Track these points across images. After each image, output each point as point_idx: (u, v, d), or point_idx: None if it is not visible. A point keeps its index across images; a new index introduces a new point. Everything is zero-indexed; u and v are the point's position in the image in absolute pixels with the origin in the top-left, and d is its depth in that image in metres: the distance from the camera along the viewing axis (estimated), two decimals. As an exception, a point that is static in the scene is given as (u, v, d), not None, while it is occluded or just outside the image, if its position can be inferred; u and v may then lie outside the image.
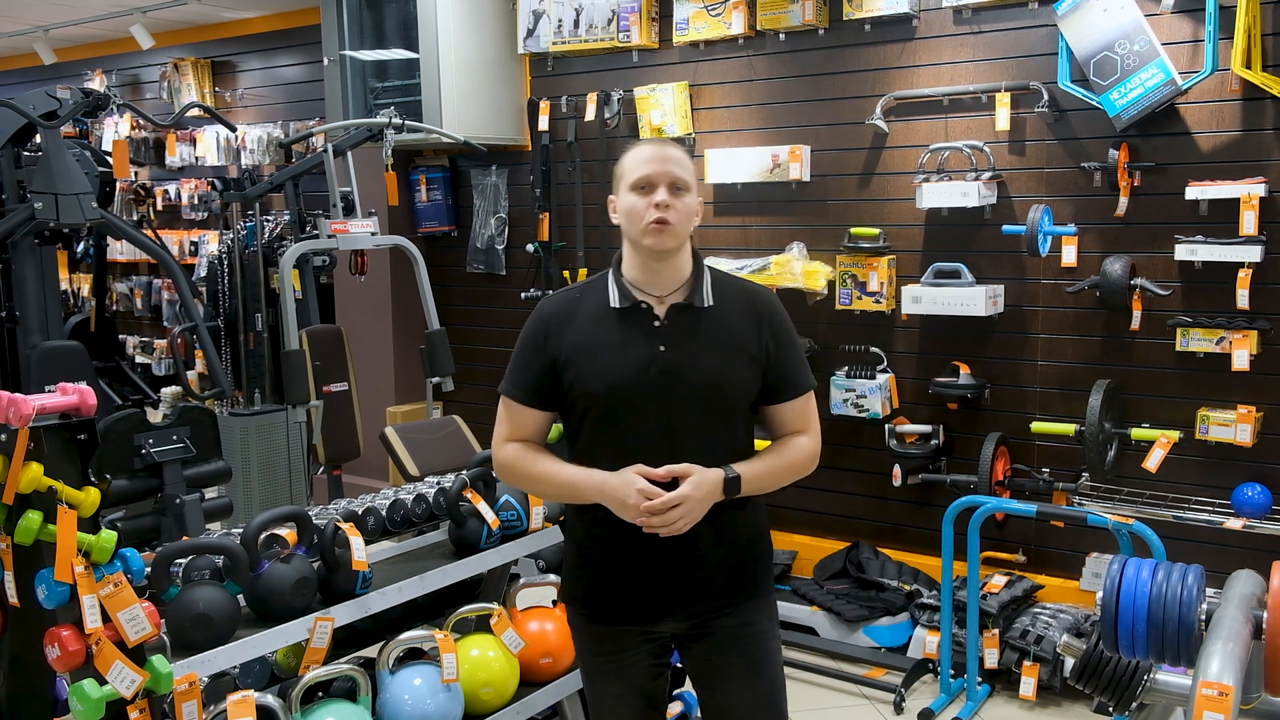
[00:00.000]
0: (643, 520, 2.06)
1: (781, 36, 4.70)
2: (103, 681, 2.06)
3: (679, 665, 2.69)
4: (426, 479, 3.25)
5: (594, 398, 2.15)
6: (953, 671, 3.87)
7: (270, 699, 2.41)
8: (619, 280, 2.20)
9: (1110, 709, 2.01)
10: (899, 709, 3.83)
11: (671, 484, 2.08)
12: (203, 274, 6.35)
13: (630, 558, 2.16)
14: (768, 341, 2.17)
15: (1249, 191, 3.68)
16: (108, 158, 4.60)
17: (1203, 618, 1.67)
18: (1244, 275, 3.72)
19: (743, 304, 2.20)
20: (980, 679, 3.85)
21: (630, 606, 2.21)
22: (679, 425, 2.12)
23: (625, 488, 2.07)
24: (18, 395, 2.03)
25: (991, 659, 3.85)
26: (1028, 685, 3.78)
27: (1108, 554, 4.04)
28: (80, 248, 5.34)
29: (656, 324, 2.15)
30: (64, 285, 6.00)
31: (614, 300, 2.18)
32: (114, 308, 7.27)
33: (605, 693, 2.29)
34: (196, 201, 7.04)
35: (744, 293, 2.23)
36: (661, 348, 2.13)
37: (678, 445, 2.11)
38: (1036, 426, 4.18)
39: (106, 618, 2.07)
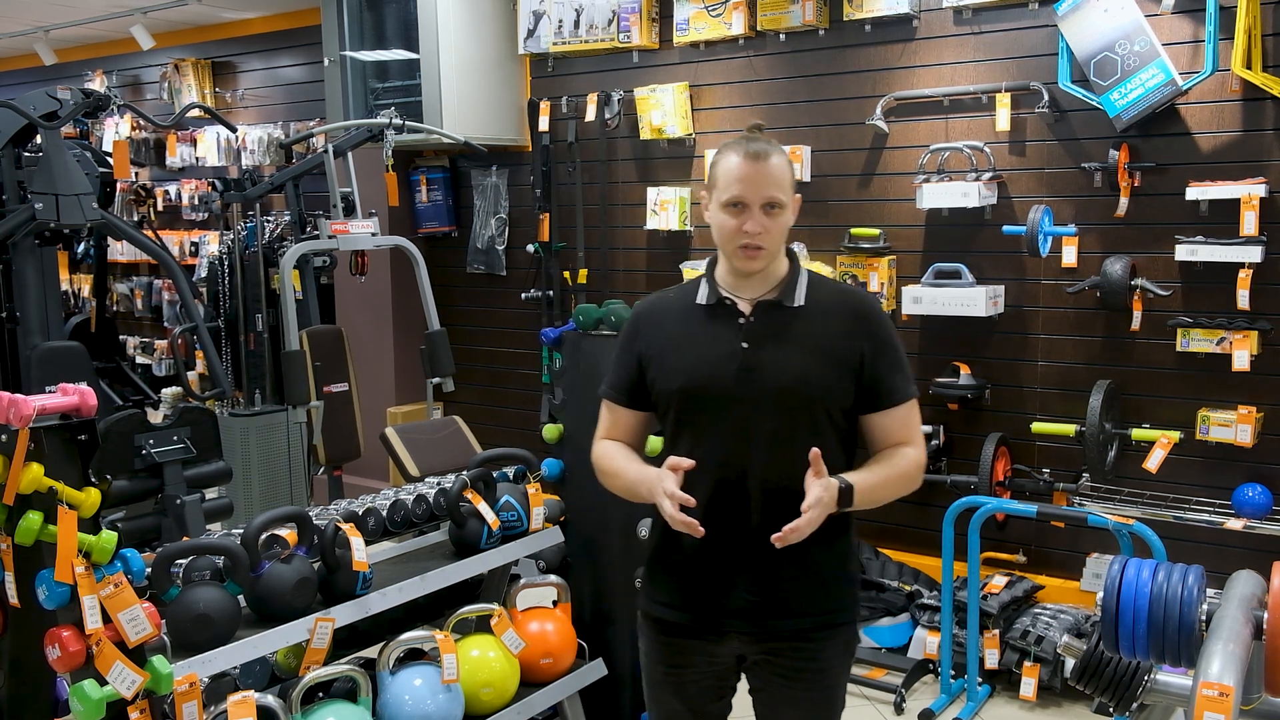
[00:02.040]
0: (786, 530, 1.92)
1: (782, 37, 4.70)
2: (103, 682, 2.06)
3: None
4: (427, 479, 3.25)
5: (672, 395, 2.10)
6: (953, 672, 3.87)
7: (271, 699, 2.41)
8: (711, 280, 2.13)
9: (1111, 709, 2.01)
10: (899, 709, 3.83)
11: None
12: (203, 274, 6.35)
13: (706, 566, 2.08)
14: (863, 347, 2.06)
15: (1249, 192, 3.68)
16: (108, 158, 4.59)
17: (1203, 618, 1.67)
18: (1244, 275, 3.72)
19: (838, 307, 2.09)
20: (980, 679, 3.85)
21: (699, 617, 2.11)
22: (757, 427, 2.02)
23: (655, 485, 1.99)
24: (18, 396, 2.03)
25: (992, 659, 3.85)
26: (1028, 686, 3.78)
27: (1108, 554, 4.04)
28: (81, 248, 5.33)
29: (741, 321, 2.07)
30: (64, 286, 5.99)
31: (701, 298, 2.12)
32: (114, 308, 7.26)
33: (663, 706, 2.23)
34: (197, 202, 7.04)
35: (841, 295, 2.14)
36: (744, 344, 2.05)
37: (755, 448, 2.02)
38: (1037, 427, 4.18)
39: (107, 618, 2.07)
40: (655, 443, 2.28)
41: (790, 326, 2.07)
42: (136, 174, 7.15)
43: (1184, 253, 3.82)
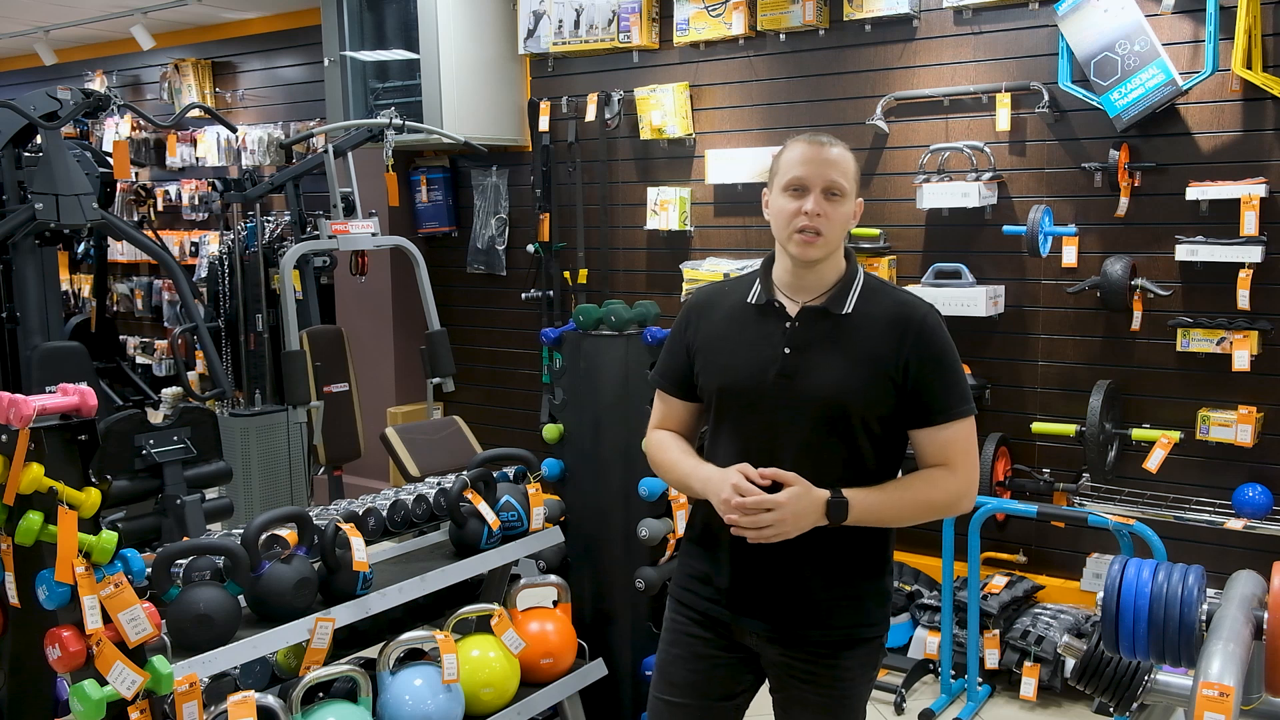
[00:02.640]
0: (732, 518, 1.95)
1: (782, 37, 4.70)
2: (103, 682, 2.06)
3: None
4: (427, 479, 3.25)
5: (712, 393, 2.10)
6: (953, 672, 3.87)
7: (271, 699, 2.41)
8: (765, 278, 2.11)
9: (1111, 709, 2.02)
10: (899, 709, 3.83)
11: (775, 490, 1.97)
12: (203, 274, 6.36)
13: (741, 565, 2.08)
14: (908, 359, 1.99)
15: (1249, 192, 3.68)
16: (108, 158, 4.60)
17: (1203, 618, 1.67)
18: (1244, 275, 3.72)
19: (888, 316, 2.03)
20: (981, 679, 3.85)
21: (727, 610, 2.11)
22: (787, 434, 2.01)
23: (722, 481, 1.98)
24: (18, 396, 2.03)
25: (992, 659, 3.85)
26: (1028, 686, 3.78)
27: (1108, 554, 4.04)
28: (81, 248, 5.34)
29: (787, 325, 2.05)
30: (65, 286, 6.00)
31: (752, 297, 2.10)
32: (114, 308, 7.27)
33: (672, 689, 2.18)
34: (197, 202, 7.04)
35: (894, 305, 2.06)
36: (786, 350, 2.03)
37: (782, 454, 2.00)
38: (1037, 427, 4.18)
39: (107, 618, 2.07)
40: None
41: (835, 334, 2.03)
42: (136, 174, 7.16)
43: (1184, 253, 3.82)
